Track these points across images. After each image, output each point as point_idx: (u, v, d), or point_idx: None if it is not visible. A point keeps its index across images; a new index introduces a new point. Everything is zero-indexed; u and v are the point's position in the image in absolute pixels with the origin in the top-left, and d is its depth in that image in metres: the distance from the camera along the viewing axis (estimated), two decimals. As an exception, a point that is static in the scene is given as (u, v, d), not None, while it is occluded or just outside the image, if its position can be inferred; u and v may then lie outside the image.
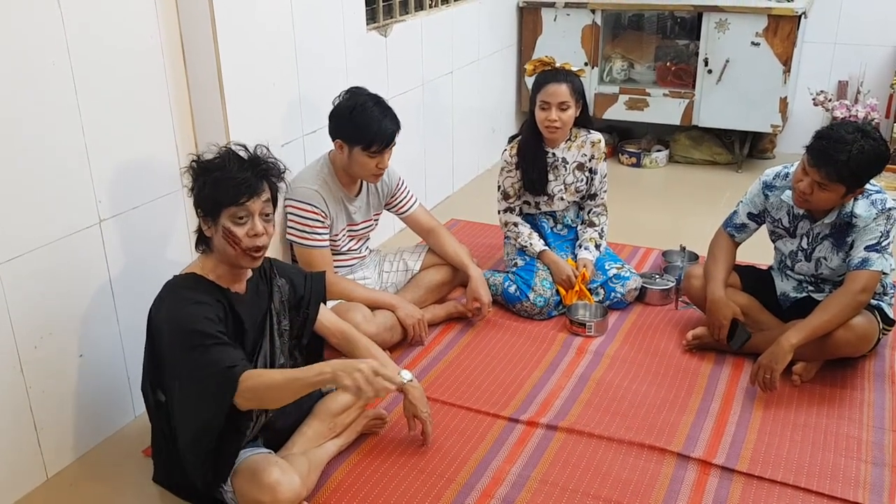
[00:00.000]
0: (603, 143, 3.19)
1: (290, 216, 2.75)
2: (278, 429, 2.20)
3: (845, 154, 2.35)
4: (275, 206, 2.02)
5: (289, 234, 2.77)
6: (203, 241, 2.01)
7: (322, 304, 2.31)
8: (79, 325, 2.31)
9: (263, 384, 1.82)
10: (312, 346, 2.32)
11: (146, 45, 2.38)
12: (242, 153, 1.98)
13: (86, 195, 2.27)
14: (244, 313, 2.03)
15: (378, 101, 2.69)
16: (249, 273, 2.08)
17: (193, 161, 1.98)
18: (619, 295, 3.12)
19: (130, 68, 2.34)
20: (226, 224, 1.92)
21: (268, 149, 2.02)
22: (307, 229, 2.73)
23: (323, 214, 2.74)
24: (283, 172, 2.04)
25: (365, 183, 2.89)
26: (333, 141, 2.73)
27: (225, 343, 1.88)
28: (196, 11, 2.44)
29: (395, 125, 2.68)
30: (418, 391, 2.30)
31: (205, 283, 1.99)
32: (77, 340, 2.31)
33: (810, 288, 2.72)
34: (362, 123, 2.63)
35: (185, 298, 1.92)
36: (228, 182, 1.90)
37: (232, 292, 2.02)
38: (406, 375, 2.28)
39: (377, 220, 3.03)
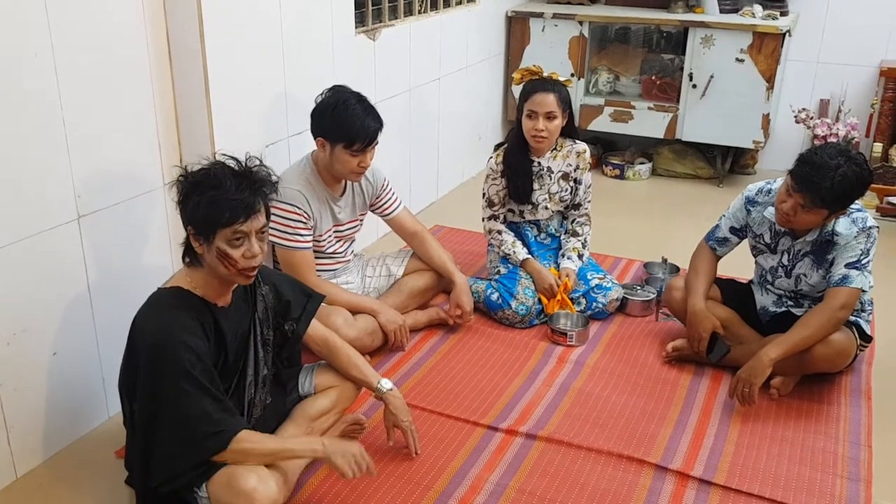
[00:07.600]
0: (588, 154, 3.20)
1: (272, 216, 2.71)
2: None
3: (829, 181, 2.37)
4: (268, 218, 1.97)
5: (270, 234, 2.73)
6: (191, 254, 1.94)
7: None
8: (53, 323, 2.27)
9: (256, 450, 1.90)
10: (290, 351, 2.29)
11: (131, 38, 2.35)
12: (233, 164, 1.90)
13: (65, 190, 2.23)
14: (227, 328, 1.99)
15: (361, 99, 2.67)
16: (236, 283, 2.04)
17: (182, 175, 1.90)
18: (600, 305, 3.12)
19: (114, 61, 2.31)
20: (220, 245, 1.86)
21: (260, 160, 1.95)
22: (289, 230, 2.70)
23: (306, 216, 2.72)
24: (276, 183, 1.99)
25: (350, 183, 2.86)
26: (315, 139, 2.70)
27: (213, 395, 1.87)
28: (183, 7, 2.42)
29: (378, 123, 2.66)
30: (398, 400, 2.27)
31: (190, 298, 1.93)
32: (51, 338, 2.27)
33: (790, 303, 2.74)
34: (344, 121, 2.60)
35: (171, 321, 1.86)
36: (225, 204, 1.83)
37: (218, 307, 1.97)
38: (386, 384, 2.26)
39: (362, 220, 3.01)
